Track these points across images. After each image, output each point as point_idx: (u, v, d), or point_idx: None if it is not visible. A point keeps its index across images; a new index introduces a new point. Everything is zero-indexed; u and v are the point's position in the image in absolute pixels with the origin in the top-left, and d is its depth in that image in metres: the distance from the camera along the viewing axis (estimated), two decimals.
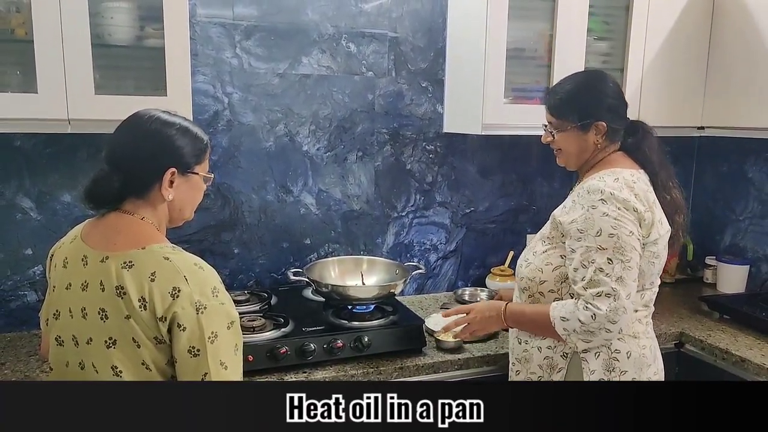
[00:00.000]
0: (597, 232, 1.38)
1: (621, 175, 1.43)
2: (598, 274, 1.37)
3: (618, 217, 1.37)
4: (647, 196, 1.43)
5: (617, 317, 1.36)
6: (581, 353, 1.44)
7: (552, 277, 1.47)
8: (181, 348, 1.09)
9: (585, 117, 1.49)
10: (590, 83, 1.53)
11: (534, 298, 1.51)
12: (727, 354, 1.81)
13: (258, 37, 1.99)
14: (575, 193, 1.48)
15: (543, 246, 1.51)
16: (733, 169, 2.50)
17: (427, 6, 2.17)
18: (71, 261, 1.16)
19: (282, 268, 2.14)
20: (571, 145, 1.52)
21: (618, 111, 1.51)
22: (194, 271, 1.12)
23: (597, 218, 1.38)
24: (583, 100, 1.50)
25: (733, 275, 2.35)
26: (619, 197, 1.38)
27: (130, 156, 1.16)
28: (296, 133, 2.09)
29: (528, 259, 1.54)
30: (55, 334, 1.17)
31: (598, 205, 1.39)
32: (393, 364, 1.67)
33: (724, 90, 2.18)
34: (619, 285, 1.36)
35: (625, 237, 1.37)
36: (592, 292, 1.37)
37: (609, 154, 1.52)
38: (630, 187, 1.41)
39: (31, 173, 1.83)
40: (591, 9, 2.02)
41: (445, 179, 2.31)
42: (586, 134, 1.50)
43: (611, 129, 1.49)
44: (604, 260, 1.37)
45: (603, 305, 1.36)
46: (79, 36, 1.53)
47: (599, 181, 1.42)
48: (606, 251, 1.37)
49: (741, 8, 2.10)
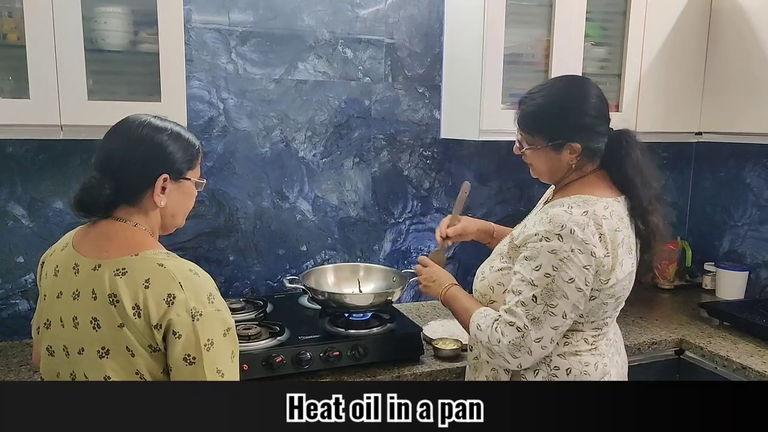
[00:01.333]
0: (537, 266, 1.30)
1: (593, 208, 1.31)
2: (518, 306, 1.31)
3: (564, 259, 1.27)
4: (614, 236, 1.31)
5: (518, 353, 1.32)
6: (521, 371, 1.39)
7: (501, 299, 1.40)
8: (176, 356, 1.07)
9: (557, 137, 1.34)
10: (564, 97, 1.36)
11: None
12: (727, 361, 1.79)
13: (253, 42, 1.98)
14: (540, 213, 1.38)
15: (500, 263, 1.43)
16: (731, 174, 2.49)
17: (423, 11, 2.16)
18: (62, 269, 1.14)
19: (278, 276, 2.11)
20: (542, 164, 1.41)
21: (596, 129, 1.36)
22: (189, 277, 1.10)
23: (543, 252, 1.29)
24: (556, 118, 1.35)
25: (732, 281, 2.34)
26: (578, 237, 1.27)
27: (121, 162, 1.13)
28: (292, 139, 2.07)
29: (484, 273, 1.47)
30: (46, 344, 1.15)
31: (551, 239, 1.28)
32: (390, 372, 1.65)
33: (722, 95, 2.17)
34: (533, 325, 1.30)
35: (561, 282, 1.28)
36: (506, 318, 1.33)
37: (587, 174, 1.39)
38: (598, 225, 1.29)
39: (23, 180, 1.81)
40: (588, 14, 2.02)
41: (443, 185, 2.30)
42: (559, 154, 1.36)
43: (587, 148, 1.35)
44: (530, 296, 1.30)
45: (508, 336, 1.32)
46: (72, 41, 1.51)
47: (566, 212, 1.30)
48: (536, 288, 1.29)
49: (738, 13, 2.10)
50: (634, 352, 1.87)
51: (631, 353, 1.79)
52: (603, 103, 1.39)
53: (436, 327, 1.94)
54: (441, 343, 1.77)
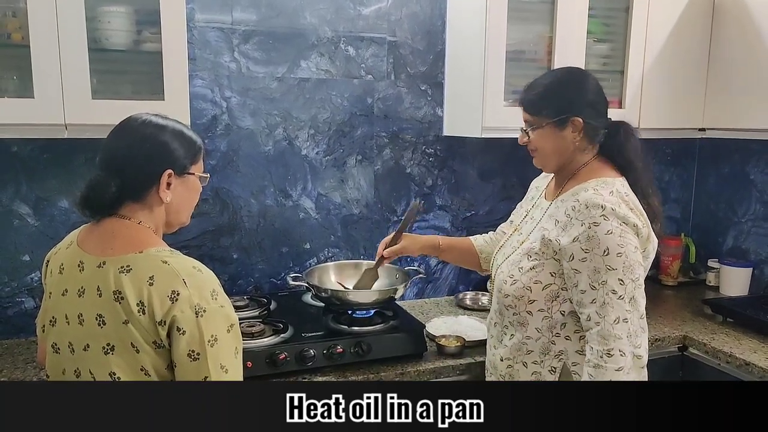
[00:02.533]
0: (604, 251, 1.31)
1: (614, 187, 1.38)
2: (611, 296, 1.31)
3: (622, 234, 1.31)
4: (640, 208, 1.39)
5: (637, 340, 1.32)
6: (571, 366, 1.40)
7: (542, 296, 1.41)
8: (180, 352, 1.08)
9: (561, 112, 1.41)
10: (566, 78, 1.46)
11: (519, 317, 1.45)
12: (731, 357, 1.79)
13: (256, 41, 1.99)
14: (564, 204, 1.41)
15: (529, 262, 1.43)
16: (735, 170, 2.49)
17: (426, 9, 2.16)
18: (67, 267, 1.15)
19: (281, 273, 2.12)
20: (548, 143, 1.44)
21: (596, 107, 1.43)
22: (193, 274, 1.11)
23: (601, 236, 1.31)
24: (559, 94, 1.43)
25: (736, 278, 2.34)
26: (619, 213, 1.32)
27: (126, 160, 1.15)
28: (295, 137, 2.08)
29: (513, 276, 1.45)
30: (52, 341, 1.16)
31: (600, 222, 1.31)
32: (394, 369, 1.66)
33: (725, 91, 2.17)
34: (633, 306, 1.31)
35: (632, 254, 1.31)
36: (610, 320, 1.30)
37: (590, 160, 1.45)
38: (625, 202, 1.36)
39: (28, 179, 1.82)
40: (591, 11, 2.02)
41: (445, 183, 2.30)
42: (562, 131, 1.42)
43: (589, 126, 1.42)
44: (615, 281, 1.30)
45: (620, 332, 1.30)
46: (75, 40, 1.52)
47: (596, 195, 1.35)
48: (615, 271, 1.30)
49: (741, 9, 2.10)
50: None
51: None
52: (600, 89, 1.47)
53: (439, 324, 1.95)
54: (444, 340, 1.78)
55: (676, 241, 2.53)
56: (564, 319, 1.41)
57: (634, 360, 1.32)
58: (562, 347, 1.42)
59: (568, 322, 1.41)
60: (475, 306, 2.21)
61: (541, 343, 1.44)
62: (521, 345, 1.46)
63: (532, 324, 1.44)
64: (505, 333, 1.50)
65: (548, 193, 1.54)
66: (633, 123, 2.12)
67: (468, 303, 2.24)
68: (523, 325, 1.45)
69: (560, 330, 1.42)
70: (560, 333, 1.42)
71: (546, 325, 1.43)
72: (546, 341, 1.43)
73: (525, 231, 1.53)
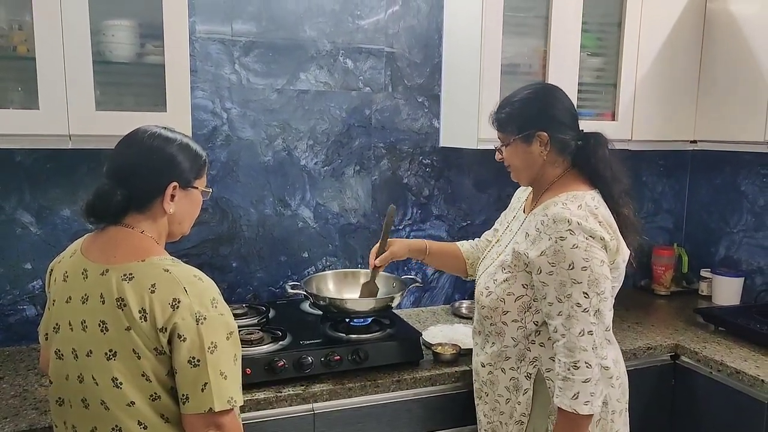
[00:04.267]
0: (569, 265, 1.33)
1: (583, 201, 1.40)
2: (575, 311, 1.33)
3: (587, 248, 1.33)
4: (610, 221, 1.41)
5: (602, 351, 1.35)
6: (545, 372, 1.44)
7: (515, 307, 1.44)
8: (181, 358, 1.10)
9: (525, 127, 1.45)
10: (531, 95, 1.49)
11: (496, 327, 1.49)
12: (722, 366, 1.82)
13: (256, 53, 2.02)
14: (535, 218, 1.44)
15: (503, 274, 1.47)
16: (726, 181, 2.53)
17: (423, 22, 2.20)
18: (71, 275, 1.18)
19: (280, 282, 2.15)
20: (517, 159, 1.49)
21: (563, 121, 1.46)
22: (194, 283, 1.14)
23: (567, 250, 1.33)
24: (524, 111, 1.47)
25: (728, 287, 2.37)
26: (585, 227, 1.34)
27: (133, 171, 1.18)
28: (294, 147, 2.11)
29: (489, 287, 1.50)
30: (55, 348, 1.18)
31: (566, 237, 1.34)
32: (390, 376, 1.68)
33: (716, 104, 2.21)
34: (598, 318, 1.34)
35: (597, 268, 1.33)
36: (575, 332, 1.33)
37: (563, 173, 1.48)
38: (594, 215, 1.38)
39: (31, 188, 1.85)
40: (584, 25, 2.06)
41: (442, 193, 2.33)
42: (529, 146, 1.46)
43: (555, 139, 1.44)
44: (580, 294, 1.33)
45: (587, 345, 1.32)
46: (80, 53, 1.56)
47: (563, 209, 1.37)
48: (580, 284, 1.33)
49: (731, 23, 2.15)
50: (629, 357, 1.89)
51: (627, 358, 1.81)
52: (568, 101, 1.50)
53: (435, 332, 1.98)
54: (440, 347, 1.80)
55: (668, 251, 2.56)
56: (538, 327, 1.45)
57: (601, 371, 1.36)
58: (536, 354, 1.46)
59: (542, 330, 1.44)
60: (471, 314, 2.23)
61: (517, 350, 1.48)
62: (500, 352, 1.50)
63: (509, 333, 1.48)
64: (487, 341, 1.55)
65: (526, 206, 1.58)
66: (626, 135, 2.20)
67: (464, 311, 2.27)
68: (500, 335, 1.49)
69: (534, 338, 1.46)
70: (534, 340, 1.46)
71: (521, 334, 1.46)
72: (522, 348, 1.47)
73: (503, 242, 1.57)
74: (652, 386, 1.98)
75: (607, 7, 2.14)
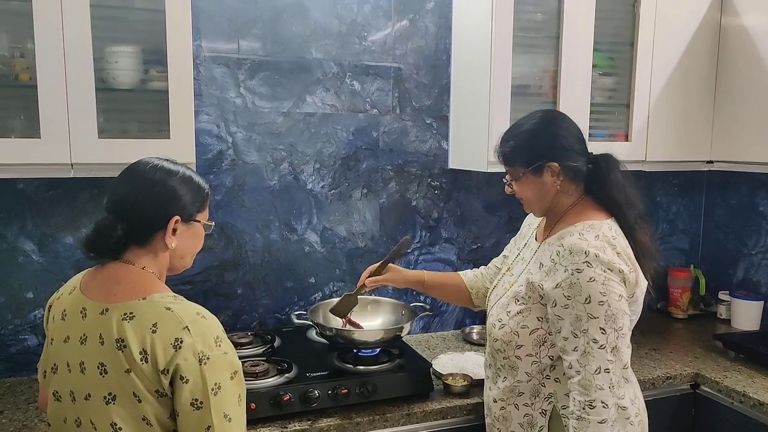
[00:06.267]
0: (585, 299, 1.29)
1: (600, 231, 1.35)
2: (590, 347, 1.28)
3: (605, 281, 1.29)
4: (628, 252, 1.36)
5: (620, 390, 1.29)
6: (560, 410, 1.38)
7: (530, 341, 1.39)
8: (183, 401, 1.06)
9: (534, 160, 1.40)
10: (536, 125, 1.44)
11: (509, 360, 1.43)
12: (744, 397, 1.75)
13: (262, 76, 1.99)
14: (549, 248, 1.39)
15: (516, 306, 1.42)
16: (743, 202, 2.46)
17: (431, 43, 2.17)
18: (70, 313, 1.14)
19: (286, 308, 2.10)
20: (529, 192, 1.45)
21: (571, 148, 1.41)
22: (196, 321, 1.10)
23: (584, 283, 1.29)
24: (530, 143, 1.42)
25: (747, 311, 2.30)
26: (603, 259, 1.29)
27: (134, 205, 1.14)
28: (300, 171, 2.07)
29: (502, 320, 1.44)
30: (53, 389, 1.14)
31: (583, 269, 1.29)
32: (400, 410, 1.62)
33: (732, 124, 2.16)
34: (615, 355, 1.29)
35: (615, 303, 1.29)
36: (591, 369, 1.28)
37: (577, 201, 1.43)
38: (612, 246, 1.33)
39: (33, 216, 1.82)
40: (596, 45, 2.02)
41: (451, 215, 2.29)
42: (541, 177, 1.41)
43: (567, 167, 1.40)
44: (597, 329, 1.28)
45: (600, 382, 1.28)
46: (83, 80, 1.53)
47: (580, 240, 1.32)
48: (597, 319, 1.28)
49: (747, 42, 2.10)
50: (648, 387, 1.83)
51: (645, 388, 1.77)
52: (574, 127, 1.46)
53: (445, 361, 1.92)
54: (451, 379, 1.75)
55: (685, 273, 2.50)
56: (553, 362, 1.40)
57: (618, 411, 1.30)
58: (551, 390, 1.40)
59: (557, 365, 1.39)
60: (482, 340, 2.18)
61: (531, 385, 1.42)
62: (513, 387, 1.45)
63: (522, 368, 1.42)
64: (499, 375, 1.49)
65: (539, 234, 1.53)
66: (639, 156, 2.15)
67: (474, 338, 2.21)
68: (513, 369, 1.44)
69: (549, 372, 1.40)
70: (550, 375, 1.41)
71: (536, 369, 1.41)
72: (536, 383, 1.42)
73: (516, 272, 1.51)
74: (672, 417, 1.91)
75: (619, 26, 2.10)
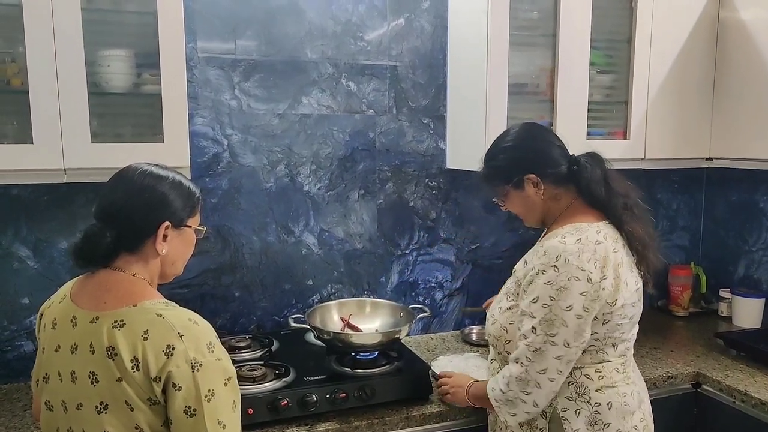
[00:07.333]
0: (533, 298, 1.34)
1: (585, 234, 1.35)
2: (521, 339, 1.35)
3: (561, 288, 1.30)
4: (613, 257, 1.34)
5: (528, 389, 1.34)
6: (560, 412, 1.38)
7: (516, 337, 1.40)
8: (176, 408, 1.05)
9: (513, 176, 1.44)
10: (509, 142, 1.48)
11: (502, 356, 1.47)
12: (746, 396, 1.74)
13: (257, 78, 1.98)
14: (536, 247, 1.43)
15: (507, 302, 1.46)
16: (743, 198, 2.44)
17: (426, 43, 2.15)
18: (60, 322, 1.13)
19: (284, 311, 2.09)
20: (518, 206, 1.49)
21: (546, 155, 1.44)
22: (188, 327, 1.08)
23: (539, 284, 1.33)
24: (505, 161, 1.47)
25: (748, 309, 2.29)
26: (573, 265, 1.30)
27: (123, 211, 1.13)
28: (297, 173, 2.06)
29: (494, 316, 1.48)
30: (45, 399, 1.13)
31: (548, 271, 1.32)
32: (399, 414, 1.61)
33: (732, 120, 2.14)
34: (535, 357, 1.32)
35: (558, 310, 1.30)
36: (511, 356, 1.37)
37: (570, 203, 1.44)
38: (592, 251, 1.32)
39: (28, 221, 1.81)
40: (593, 42, 2.00)
41: (449, 215, 2.27)
42: (523, 191, 1.45)
43: (545, 175, 1.42)
44: (529, 327, 1.33)
45: (514, 373, 1.36)
46: (75, 85, 1.52)
47: (559, 242, 1.34)
48: (533, 319, 1.33)
49: (745, 38, 2.08)
50: (650, 387, 1.78)
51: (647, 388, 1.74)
52: (550, 135, 1.50)
53: (444, 363, 1.90)
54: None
55: (686, 270, 2.48)
56: None
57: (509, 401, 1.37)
58: None
59: None
60: (481, 341, 2.16)
61: None
62: None
63: None
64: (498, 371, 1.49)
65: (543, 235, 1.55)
66: (638, 154, 2.13)
67: (474, 338, 2.19)
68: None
69: None
70: None
71: None
72: None
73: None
74: (673, 416, 1.90)
75: (616, 23, 2.08)
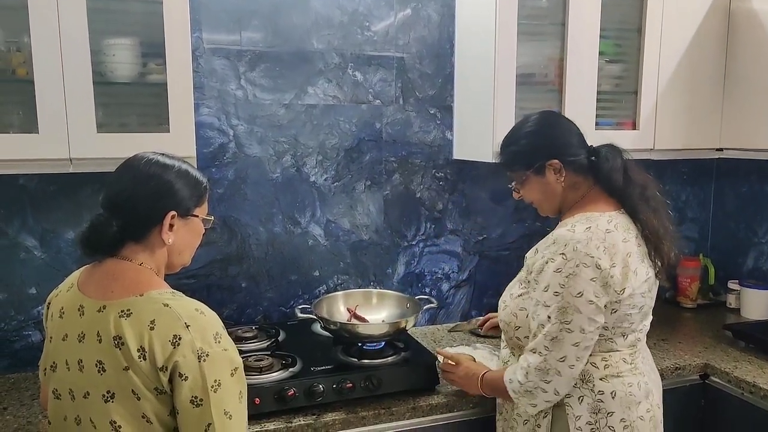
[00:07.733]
0: (545, 287, 1.34)
1: (596, 223, 1.35)
2: (539, 329, 1.35)
3: (570, 275, 1.31)
4: (623, 247, 1.34)
5: (548, 377, 1.34)
6: (564, 398, 1.38)
7: (526, 323, 1.41)
8: (183, 398, 1.05)
9: (534, 161, 1.44)
10: (531, 128, 1.48)
11: (512, 342, 1.48)
12: (754, 387, 1.73)
13: (263, 68, 1.97)
14: (547, 236, 1.43)
15: (519, 289, 1.46)
16: (753, 190, 2.42)
17: (434, 32, 2.13)
18: (67, 311, 1.13)
19: (290, 302, 2.09)
20: (536, 194, 1.48)
21: (568, 143, 1.44)
22: (195, 317, 1.08)
23: (549, 273, 1.33)
24: (528, 145, 1.46)
25: (757, 300, 2.27)
26: (581, 252, 1.31)
27: (129, 200, 1.13)
28: (303, 163, 2.05)
29: (505, 301, 1.49)
30: (53, 387, 1.14)
31: (556, 259, 1.33)
32: (405, 404, 1.61)
33: (742, 111, 2.11)
34: (553, 345, 1.32)
35: (570, 297, 1.31)
36: (528, 347, 1.36)
37: (586, 193, 1.44)
38: (601, 239, 1.33)
39: (34, 211, 1.81)
40: (602, 32, 1.97)
41: (456, 206, 2.26)
42: (544, 177, 1.44)
43: (567, 162, 1.42)
44: (545, 317, 1.34)
45: (533, 363, 1.35)
46: (80, 74, 1.51)
47: (568, 231, 1.35)
48: (548, 308, 1.33)
49: (757, 25, 2.05)
50: None
51: None
52: (570, 123, 1.49)
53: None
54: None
55: (694, 262, 2.46)
56: None
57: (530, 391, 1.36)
58: None
59: None
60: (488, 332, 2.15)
61: None
62: None
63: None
64: (513, 355, 1.51)
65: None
66: (647, 145, 2.11)
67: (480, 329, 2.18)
68: (520, 350, 1.46)
69: None
70: None
71: None
72: None
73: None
74: (681, 408, 1.88)
75: (626, 12, 2.05)
